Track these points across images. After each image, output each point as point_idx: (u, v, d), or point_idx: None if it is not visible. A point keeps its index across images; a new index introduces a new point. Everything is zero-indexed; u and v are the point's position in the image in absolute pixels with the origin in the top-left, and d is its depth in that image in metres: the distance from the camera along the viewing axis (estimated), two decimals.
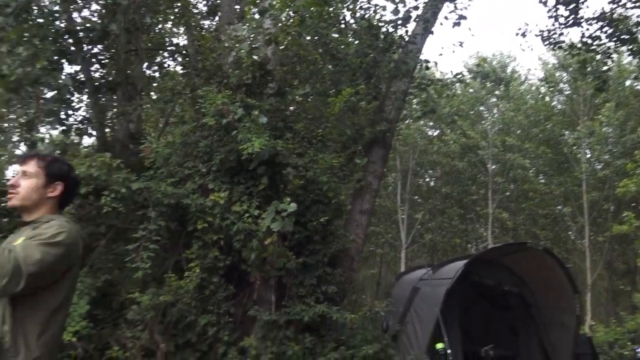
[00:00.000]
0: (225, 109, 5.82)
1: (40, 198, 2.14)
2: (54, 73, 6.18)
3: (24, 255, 1.83)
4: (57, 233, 1.96)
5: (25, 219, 2.16)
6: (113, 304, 6.47)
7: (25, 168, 2.16)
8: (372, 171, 8.32)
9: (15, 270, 1.78)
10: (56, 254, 1.91)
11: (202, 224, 6.17)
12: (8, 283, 1.77)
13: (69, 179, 2.24)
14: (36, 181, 2.14)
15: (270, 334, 6.45)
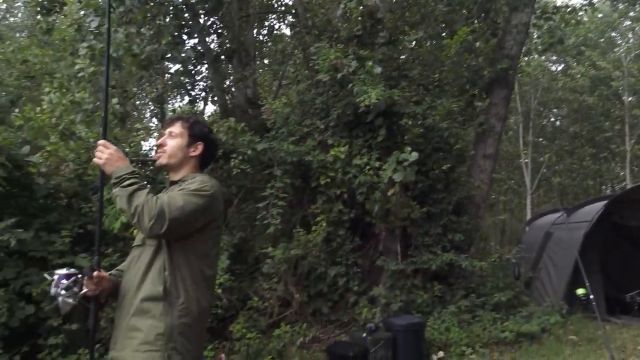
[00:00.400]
0: (339, 63, 5.76)
1: (184, 156, 2.28)
2: (178, 47, 6.53)
3: (169, 202, 1.97)
4: (200, 187, 2.09)
5: (172, 178, 2.31)
6: (248, 259, 6.91)
7: (171, 129, 2.31)
8: (495, 113, 7.86)
9: (160, 214, 1.92)
10: (197, 203, 2.03)
11: (325, 179, 6.27)
12: (153, 224, 1.91)
13: (208, 139, 2.36)
14: (180, 140, 2.28)
15: (399, 283, 6.50)
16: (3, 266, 4.39)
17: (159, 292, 1.98)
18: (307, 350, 5.73)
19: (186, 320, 2.00)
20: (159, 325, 1.96)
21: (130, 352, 1.96)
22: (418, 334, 5.44)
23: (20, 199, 4.95)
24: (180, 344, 1.97)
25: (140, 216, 1.92)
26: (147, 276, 2.04)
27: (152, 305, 1.98)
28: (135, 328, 1.98)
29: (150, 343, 1.94)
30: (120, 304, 2.12)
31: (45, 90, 6.04)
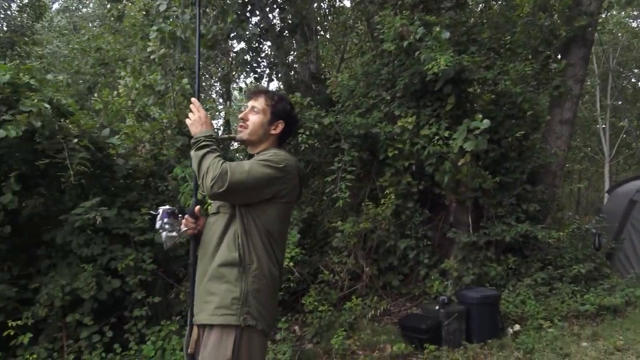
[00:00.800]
0: (405, 30, 5.57)
1: (264, 133, 2.28)
2: (242, 25, 6.55)
3: (235, 165, 2.02)
4: (272, 158, 2.10)
5: (250, 152, 2.34)
6: (317, 233, 6.95)
7: (254, 103, 2.30)
8: (572, 75, 7.36)
9: (222, 175, 1.96)
10: (264, 172, 2.05)
11: (393, 151, 6.16)
12: (214, 184, 1.96)
13: (289, 117, 2.35)
14: (262, 117, 2.27)
15: (471, 255, 6.35)
16: (90, 243, 4.64)
17: (234, 257, 2.03)
18: (379, 323, 5.74)
19: (259, 285, 2.05)
20: (234, 289, 2.01)
21: (207, 316, 2.04)
22: (493, 307, 5.31)
23: (102, 179, 5.21)
24: (254, 309, 2.02)
25: (205, 176, 1.99)
26: (222, 242, 2.09)
27: (228, 270, 2.04)
28: (211, 292, 2.05)
29: (226, 307, 2.00)
30: (198, 268, 2.21)
31: (121, 75, 6.28)
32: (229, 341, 1.97)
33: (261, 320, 2.05)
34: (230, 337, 1.97)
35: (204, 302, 2.07)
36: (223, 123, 9.92)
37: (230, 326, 1.99)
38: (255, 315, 2.02)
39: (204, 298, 2.08)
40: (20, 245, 4.64)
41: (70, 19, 16.02)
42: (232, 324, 1.98)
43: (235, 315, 1.98)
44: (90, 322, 4.40)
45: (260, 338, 2.06)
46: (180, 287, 5.11)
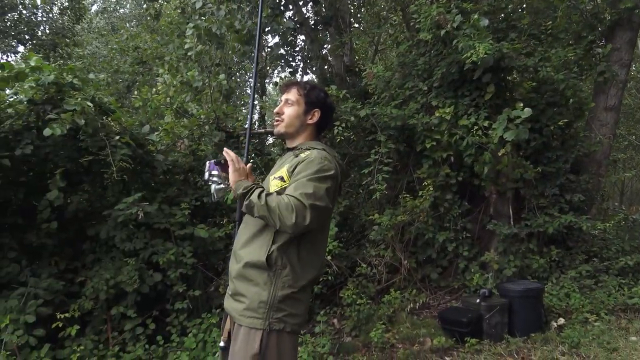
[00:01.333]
0: (442, 18, 5.44)
1: (301, 124, 2.25)
2: (277, 19, 6.53)
3: (300, 192, 1.93)
4: (321, 167, 2.02)
5: (289, 145, 2.31)
6: (354, 226, 6.91)
7: (287, 96, 2.27)
8: (617, 60, 7.05)
9: (298, 206, 1.90)
10: (325, 187, 1.99)
11: (430, 142, 6.05)
12: (297, 218, 1.88)
13: (325, 105, 2.30)
14: (297, 108, 2.24)
15: (512, 247, 6.20)
16: (133, 237, 4.73)
17: (262, 262, 1.99)
18: (418, 317, 5.67)
19: (289, 291, 2.01)
20: (262, 293, 1.99)
21: (237, 315, 2.04)
22: (536, 300, 5.16)
23: (143, 175, 5.30)
24: (282, 313, 2.00)
25: (281, 217, 1.90)
26: (256, 239, 2.06)
27: (256, 273, 2.02)
28: (240, 293, 2.04)
29: (253, 310, 1.99)
30: (231, 258, 2.19)
31: (159, 72, 6.37)
32: (256, 340, 1.96)
33: (290, 322, 2.02)
34: (257, 337, 1.96)
35: (235, 300, 2.07)
36: (258, 118, 9.98)
37: (256, 328, 1.98)
38: (283, 319, 2.00)
39: (235, 297, 2.08)
40: (66, 240, 4.77)
41: (109, 20, 16.41)
42: (257, 327, 1.97)
43: (261, 319, 1.97)
44: (133, 315, 4.49)
45: (289, 337, 2.04)
46: (219, 280, 5.16)
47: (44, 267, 4.44)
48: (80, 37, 14.80)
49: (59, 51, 13.27)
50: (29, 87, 4.43)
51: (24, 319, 3.94)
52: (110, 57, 12.15)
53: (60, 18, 14.03)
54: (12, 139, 4.38)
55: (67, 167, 4.61)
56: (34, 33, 13.47)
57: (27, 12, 13.33)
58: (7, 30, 13.09)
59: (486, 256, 6.07)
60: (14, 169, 4.40)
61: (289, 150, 2.27)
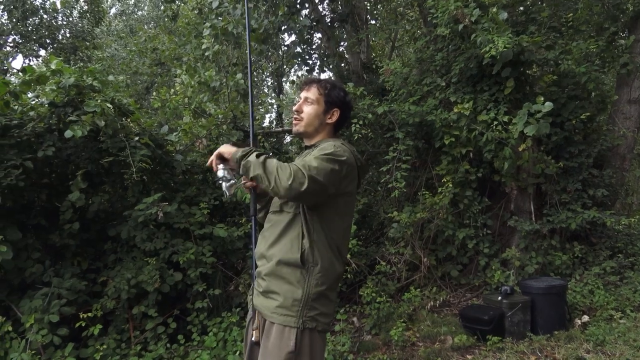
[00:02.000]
0: (460, 13, 5.36)
1: (320, 124, 2.24)
2: (293, 17, 6.52)
3: (303, 163, 1.93)
4: (334, 151, 2.02)
5: (306, 144, 2.30)
6: (373, 224, 6.87)
7: (307, 94, 2.25)
8: None
9: (296, 172, 1.88)
10: (331, 167, 1.97)
11: (449, 138, 5.97)
12: (292, 183, 1.86)
13: (344, 104, 2.29)
14: (317, 107, 2.23)
15: (534, 244, 6.12)
16: (153, 237, 4.77)
17: (296, 259, 2.00)
18: (438, 314, 5.62)
19: (322, 288, 2.02)
20: (296, 291, 1.99)
21: (268, 313, 2.03)
22: (559, 297, 5.07)
23: (163, 175, 5.33)
24: (315, 311, 2.00)
25: (277, 178, 1.90)
26: (284, 237, 2.06)
27: (289, 271, 2.01)
28: (272, 290, 2.04)
29: (287, 308, 1.99)
30: (258, 257, 2.19)
31: (177, 73, 6.40)
32: (290, 338, 1.96)
33: (321, 321, 2.03)
34: (291, 335, 1.97)
35: (267, 298, 2.06)
36: (275, 117, 9.98)
37: (290, 326, 1.98)
38: (315, 317, 2.00)
39: (266, 295, 2.07)
40: (88, 240, 4.83)
41: (127, 22, 16.58)
42: (291, 325, 1.97)
43: (295, 317, 1.97)
44: (154, 314, 4.53)
45: (320, 336, 2.05)
46: (239, 279, 5.17)
47: (67, 267, 4.50)
48: (100, 40, 14.98)
49: (79, 54, 13.45)
50: (50, 90, 4.49)
51: (48, 318, 3.99)
52: (129, 59, 12.27)
53: (80, 22, 14.21)
54: (34, 142, 4.44)
55: (88, 169, 4.66)
56: (54, 37, 13.67)
57: (47, 17, 13.54)
58: (28, 34, 13.31)
59: (507, 253, 5.98)
60: (37, 171, 4.46)
61: (307, 148, 2.27)
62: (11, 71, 11.34)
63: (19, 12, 12.59)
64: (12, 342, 3.99)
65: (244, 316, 4.92)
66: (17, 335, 4.04)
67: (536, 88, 6.27)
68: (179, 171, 5.44)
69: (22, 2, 12.48)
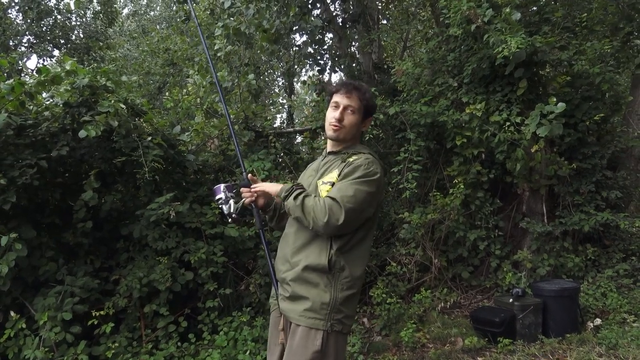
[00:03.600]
0: (472, 13, 5.32)
1: (357, 132, 2.27)
2: (305, 17, 6.52)
3: (340, 195, 1.98)
4: (367, 171, 2.06)
5: (332, 149, 2.30)
6: (384, 225, 6.86)
7: (350, 103, 2.21)
8: None
9: (332, 207, 1.95)
10: (368, 191, 2.02)
11: (461, 139, 5.95)
12: (329, 219, 1.94)
13: (375, 111, 2.39)
14: (358, 117, 2.23)
15: (546, 246, 6.07)
16: (165, 237, 4.80)
17: (323, 265, 2.03)
18: (449, 316, 5.60)
19: (348, 292, 2.06)
20: (324, 295, 2.03)
21: (296, 316, 2.06)
22: (572, 300, 5.03)
23: (175, 175, 5.37)
24: (342, 315, 2.04)
25: (314, 218, 1.97)
26: (310, 245, 2.09)
27: (316, 276, 2.05)
28: (300, 295, 2.06)
29: (315, 311, 2.02)
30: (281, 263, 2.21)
31: (189, 73, 6.44)
32: (317, 339, 2.01)
33: (347, 324, 2.08)
34: (318, 336, 2.01)
35: (294, 302, 2.09)
36: (287, 117, 9.99)
37: (318, 328, 2.02)
38: (342, 321, 2.05)
39: (293, 299, 2.09)
40: (101, 239, 4.88)
41: (139, 23, 16.69)
42: (319, 328, 2.01)
43: (323, 320, 2.01)
44: (166, 313, 4.56)
45: (343, 338, 2.10)
46: (249, 278, 5.19)
47: (80, 266, 4.55)
48: (112, 40, 15.11)
49: (92, 54, 13.59)
50: (64, 90, 4.54)
51: (61, 316, 4.04)
52: (142, 59, 12.37)
53: (94, 22, 14.35)
54: (48, 141, 4.50)
55: (101, 168, 4.71)
56: (68, 37, 13.82)
57: (61, 17, 13.69)
58: (43, 34, 13.47)
59: (519, 255, 5.95)
60: (51, 170, 4.52)
61: (331, 153, 2.28)
62: (26, 71, 11.48)
63: (34, 12, 12.75)
64: (26, 339, 4.05)
65: (255, 315, 4.94)
66: (31, 332, 4.09)
67: (549, 89, 6.21)
68: (190, 171, 5.47)
69: (37, 3, 12.63)
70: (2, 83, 4.21)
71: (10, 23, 12.93)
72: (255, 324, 4.69)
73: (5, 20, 12.57)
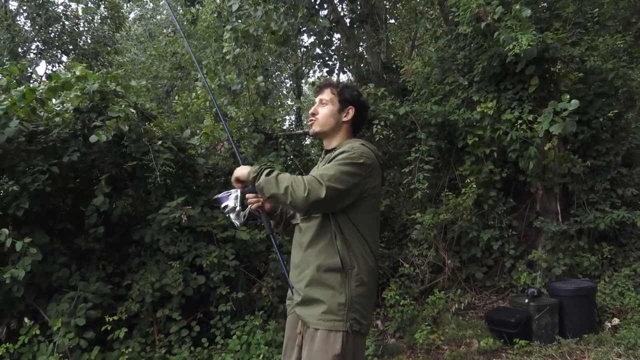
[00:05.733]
0: (482, 11, 5.31)
1: (336, 123, 2.28)
2: (313, 18, 6.53)
3: (320, 173, 1.99)
4: (350, 154, 2.06)
5: (326, 147, 2.33)
6: (395, 226, 6.85)
7: (321, 96, 2.32)
8: None
9: (312, 182, 1.94)
10: (349, 171, 2.01)
11: (472, 138, 5.92)
12: (309, 194, 1.92)
13: (359, 103, 2.34)
14: (331, 107, 2.29)
15: (561, 245, 6.02)
16: (177, 241, 4.82)
17: (336, 263, 2.02)
18: (463, 317, 5.58)
19: (362, 289, 2.05)
20: (339, 295, 2.02)
21: (314, 320, 2.04)
22: (588, 299, 4.99)
23: (185, 179, 5.39)
24: (359, 314, 2.04)
25: (292, 192, 1.95)
26: (317, 245, 2.09)
27: (331, 276, 2.04)
28: (315, 298, 2.05)
29: (333, 313, 2.01)
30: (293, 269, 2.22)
31: (197, 77, 6.47)
32: (337, 341, 1.99)
33: (364, 324, 2.07)
34: (337, 338, 2.00)
35: (309, 306, 2.08)
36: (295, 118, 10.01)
37: (337, 330, 2.01)
38: (359, 320, 2.04)
39: (308, 303, 2.08)
40: (113, 244, 4.91)
41: (146, 27, 16.81)
42: (339, 330, 2.00)
43: (342, 321, 2.00)
44: (178, 317, 4.58)
45: (361, 338, 2.10)
46: (261, 282, 5.20)
47: (93, 271, 4.58)
48: (120, 45, 15.22)
49: (100, 59, 13.70)
50: (74, 96, 4.59)
51: (75, 322, 4.07)
52: (149, 63, 12.45)
53: (101, 27, 14.47)
54: (59, 147, 4.54)
55: (112, 173, 4.75)
56: (76, 43, 13.94)
57: (69, 23, 13.81)
58: (51, 40, 13.59)
59: (534, 254, 5.90)
60: (62, 176, 4.56)
61: (328, 152, 2.29)
62: (36, 77, 11.60)
63: (42, 19, 12.88)
64: (40, 345, 4.08)
65: (267, 319, 4.95)
66: (45, 338, 4.13)
67: (561, 86, 6.17)
68: (201, 174, 5.49)
69: (45, 9, 12.75)
70: (13, 90, 4.26)
71: (19, 30, 13.07)
72: (268, 327, 4.70)
73: (14, 27, 12.70)
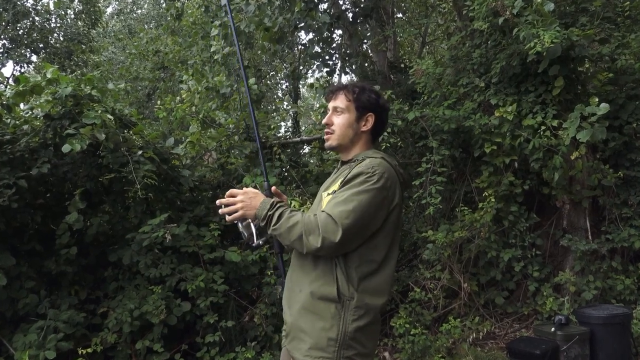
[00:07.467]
0: (500, 5, 5.37)
1: (354, 134, 2.23)
2: (311, 13, 6.58)
3: (337, 210, 1.93)
4: (369, 176, 2.00)
5: (343, 159, 2.29)
6: (405, 245, 6.85)
7: (336, 104, 2.25)
8: None
9: (326, 225, 1.90)
10: (371, 202, 1.96)
11: (490, 146, 5.96)
12: (324, 239, 1.89)
13: (378, 107, 2.28)
14: (348, 116, 2.22)
15: (591, 266, 6.04)
16: (158, 263, 4.83)
17: (332, 292, 1.98)
18: (482, 348, 5.58)
19: (360, 323, 2.00)
20: (329, 329, 1.97)
21: (300, 356, 2.02)
22: (623, 328, 4.98)
23: (168, 193, 5.41)
24: (353, 352, 1.99)
25: (305, 238, 1.92)
26: (314, 270, 2.06)
27: (324, 305, 2.00)
28: (302, 330, 2.03)
29: (321, 349, 1.97)
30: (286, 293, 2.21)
31: (183, 78, 6.52)
32: None
33: (362, 358, 2.02)
34: None
35: (296, 338, 2.06)
36: (292, 125, 10.07)
37: None
38: (353, 358, 1.99)
39: (296, 334, 2.06)
40: (87, 267, 4.92)
41: (125, 23, 16.91)
42: None
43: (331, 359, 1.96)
44: (160, 349, 4.57)
45: None
46: (254, 309, 5.20)
47: (64, 298, 4.58)
48: (96, 43, 15.32)
49: (74, 59, 13.80)
50: (45, 100, 4.62)
51: (44, 355, 4.06)
52: (129, 62, 12.52)
53: (75, 23, 14.59)
54: (28, 158, 4.57)
55: (87, 187, 4.77)
56: (47, 41, 14.04)
57: (40, 19, 13.93)
58: (19, 38, 13.70)
59: (561, 277, 5.92)
60: (31, 191, 4.57)
61: (344, 163, 2.27)
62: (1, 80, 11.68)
63: (9, 14, 12.98)
64: None
65: (261, 351, 4.94)
66: None
67: (589, 87, 6.22)
68: (186, 188, 5.52)
69: (13, 3, 12.86)
70: None
71: None
72: None
73: None
